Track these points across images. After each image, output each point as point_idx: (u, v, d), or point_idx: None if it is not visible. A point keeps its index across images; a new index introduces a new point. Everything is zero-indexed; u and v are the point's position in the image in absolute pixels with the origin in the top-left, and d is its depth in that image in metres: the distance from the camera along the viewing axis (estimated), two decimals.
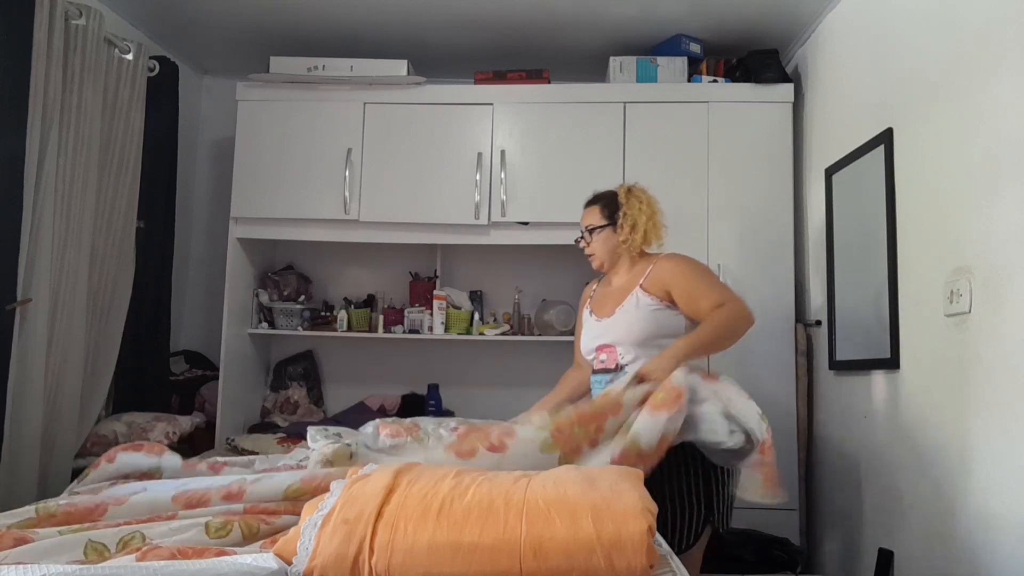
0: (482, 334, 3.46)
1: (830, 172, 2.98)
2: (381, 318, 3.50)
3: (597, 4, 3.14)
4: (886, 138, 2.54)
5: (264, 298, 3.54)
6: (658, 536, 1.55)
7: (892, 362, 2.46)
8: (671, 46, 3.39)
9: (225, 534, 1.44)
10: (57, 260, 2.69)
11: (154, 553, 1.29)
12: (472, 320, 3.48)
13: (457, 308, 3.49)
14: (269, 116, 3.38)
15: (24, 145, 2.50)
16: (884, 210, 2.52)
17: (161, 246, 3.41)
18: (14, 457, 2.52)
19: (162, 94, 3.37)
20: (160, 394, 3.39)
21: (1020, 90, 1.90)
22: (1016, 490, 1.89)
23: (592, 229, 2.41)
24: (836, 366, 2.91)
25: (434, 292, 3.48)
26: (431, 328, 3.43)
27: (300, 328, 3.49)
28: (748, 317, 2.20)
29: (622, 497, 1.34)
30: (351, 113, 3.36)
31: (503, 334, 3.49)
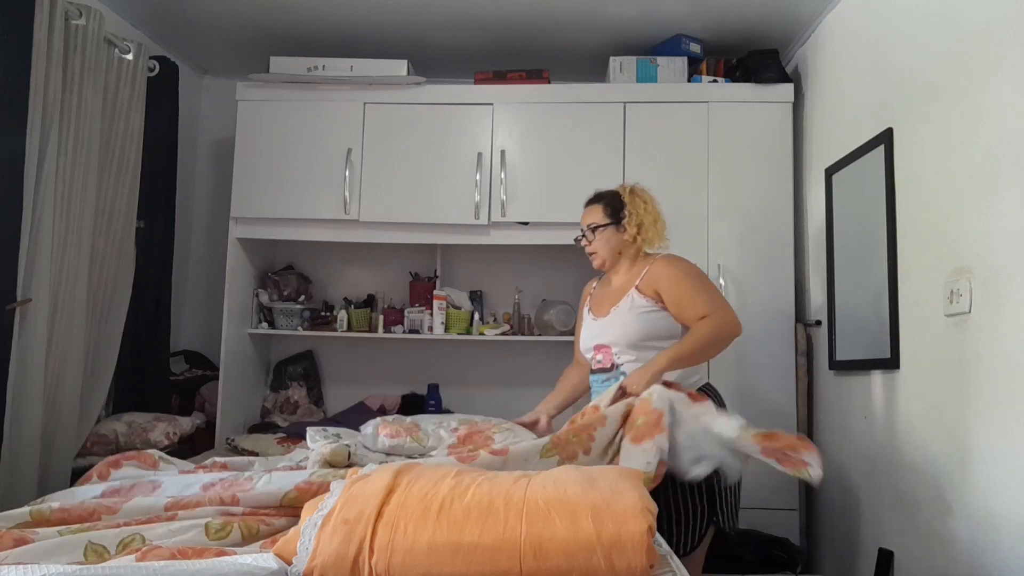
0: (482, 334, 3.46)
1: (830, 172, 2.98)
2: (381, 318, 3.50)
3: (597, 4, 3.14)
4: (886, 138, 2.54)
5: (264, 298, 3.54)
6: (658, 536, 1.55)
7: (892, 362, 2.46)
8: (671, 46, 3.39)
9: (225, 535, 1.44)
10: (57, 260, 2.69)
11: (154, 553, 1.29)
12: (472, 320, 3.48)
13: (457, 308, 3.48)
14: (269, 116, 3.38)
15: (24, 145, 2.50)
16: (884, 210, 2.52)
17: (161, 246, 3.41)
18: (14, 457, 2.52)
19: (162, 94, 3.37)
20: (160, 394, 3.39)
21: (1020, 90, 1.90)
22: (1016, 490, 1.89)
23: (595, 228, 2.40)
24: (836, 366, 2.91)
25: (434, 292, 3.48)
26: (431, 328, 3.43)
27: (300, 328, 3.49)
28: (733, 328, 2.20)
29: (622, 497, 1.34)
30: (351, 113, 3.36)
31: (503, 334, 3.49)
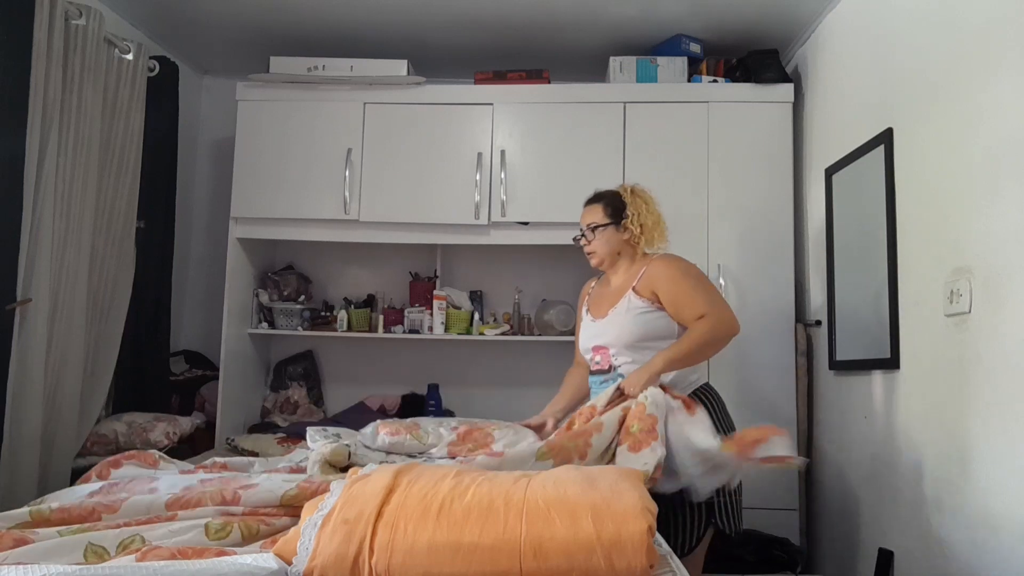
0: (482, 334, 3.46)
1: (830, 172, 2.98)
2: (381, 318, 3.50)
3: (597, 4, 3.14)
4: (886, 138, 2.54)
5: (264, 298, 3.54)
6: (658, 536, 1.55)
7: (892, 362, 2.46)
8: (671, 46, 3.39)
9: (225, 535, 1.44)
10: (57, 260, 2.69)
11: (154, 553, 1.29)
12: (472, 320, 3.48)
13: (457, 308, 3.48)
14: (269, 116, 3.38)
15: (24, 145, 2.50)
16: (884, 210, 2.52)
17: (161, 246, 3.41)
18: (14, 457, 2.52)
19: (162, 94, 3.37)
20: (160, 394, 3.39)
21: (1020, 90, 1.90)
22: (1016, 490, 1.89)
23: (594, 227, 2.39)
24: (836, 366, 2.91)
25: (434, 292, 3.48)
26: (431, 328, 3.42)
27: (300, 328, 3.49)
28: (731, 327, 2.20)
29: (622, 497, 1.34)
30: (351, 113, 3.36)
31: (503, 334, 3.49)
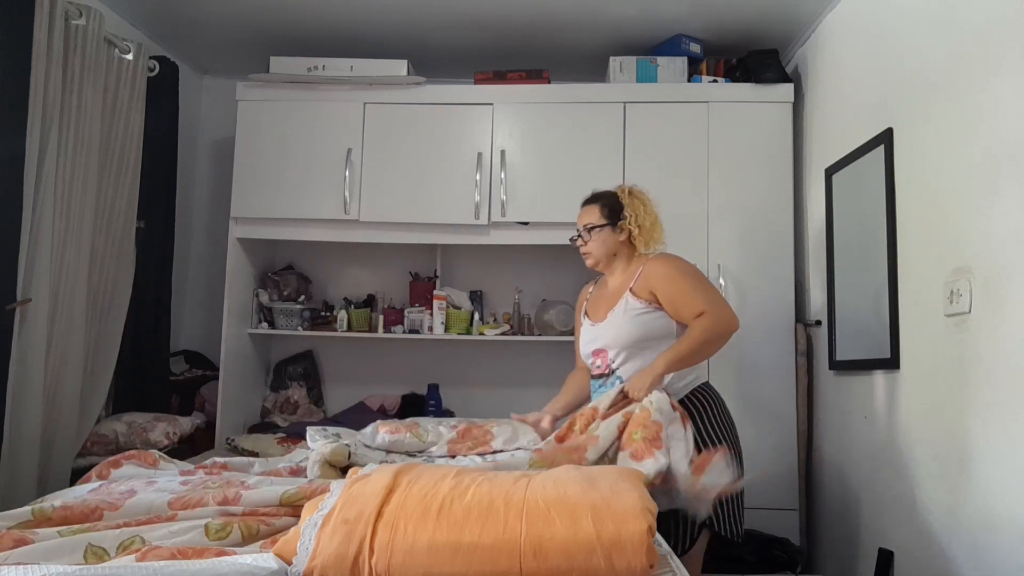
0: (482, 334, 3.46)
1: (830, 172, 2.98)
2: (381, 318, 3.50)
3: (597, 4, 3.14)
4: (886, 138, 2.54)
5: (264, 298, 3.54)
6: (658, 536, 1.55)
7: (892, 362, 2.46)
8: (671, 46, 3.39)
9: (225, 535, 1.44)
10: (57, 260, 2.69)
11: (154, 553, 1.29)
12: (472, 320, 3.48)
13: (457, 308, 3.48)
14: (269, 116, 3.38)
15: (24, 145, 2.50)
16: (884, 210, 2.52)
17: (161, 246, 3.41)
18: (14, 457, 2.52)
19: (162, 94, 3.37)
20: (160, 394, 3.39)
21: (1020, 90, 1.90)
22: (1016, 490, 1.89)
23: (591, 228, 2.38)
24: (836, 366, 2.91)
25: (434, 292, 3.48)
26: (431, 328, 3.42)
27: (300, 328, 3.49)
28: (730, 323, 2.19)
29: (622, 497, 1.34)
30: (351, 113, 3.36)
31: (503, 334, 3.49)
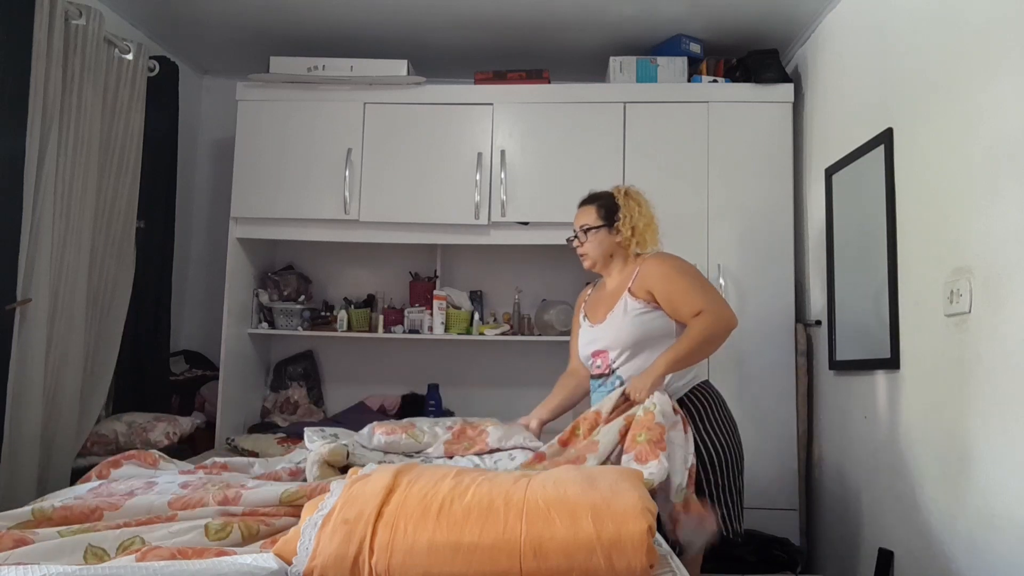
0: (482, 334, 3.46)
1: (830, 172, 2.98)
2: (381, 318, 3.50)
3: (597, 4, 3.14)
4: (886, 138, 2.54)
5: (264, 298, 3.54)
6: (658, 536, 1.55)
7: (892, 362, 2.46)
8: (671, 46, 3.39)
9: (225, 535, 1.44)
10: (57, 260, 2.69)
11: (154, 553, 1.29)
12: (472, 320, 3.48)
13: (457, 308, 3.48)
14: (269, 116, 3.38)
15: (24, 145, 2.50)
16: (884, 210, 2.52)
17: (161, 246, 3.41)
18: (14, 457, 2.52)
19: (162, 94, 3.37)
20: (160, 394, 3.39)
21: (1020, 90, 1.90)
22: (1016, 490, 1.89)
23: (587, 229, 2.38)
24: (836, 366, 2.91)
25: (434, 292, 3.48)
26: (431, 328, 3.42)
27: (300, 328, 3.48)
28: (729, 321, 2.19)
29: (622, 497, 1.34)
30: (351, 113, 3.36)
31: (503, 334, 3.49)
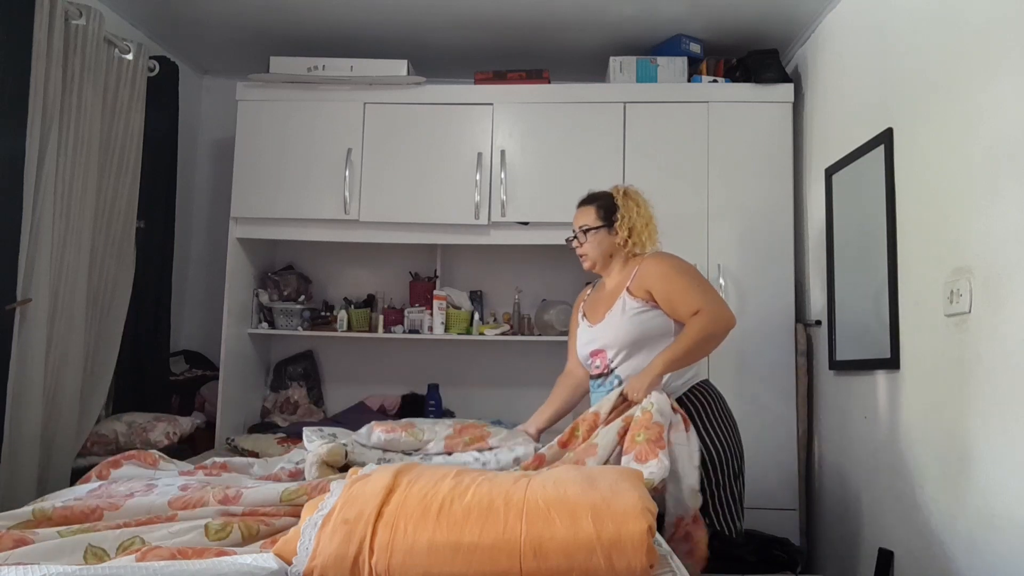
0: (482, 334, 3.46)
1: (830, 172, 2.98)
2: (381, 318, 3.50)
3: (597, 4, 3.13)
4: (886, 138, 2.54)
5: (264, 298, 3.54)
6: (658, 536, 1.55)
7: (892, 362, 2.46)
8: (671, 46, 3.39)
9: (225, 535, 1.44)
10: (57, 260, 2.69)
11: (154, 553, 1.29)
12: (472, 320, 3.48)
13: (457, 308, 3.48)
14: (269, 116, 3.38)
15: (24, 145, 2.50)
16: (884, 210, 2.52)
17: (161, 246, 3.41)
18: (14, 457, 2.52)
19: (162, 94, 3.37)
20: (160, 394, 3.39)
21: (1020, 90, 1.90)
22: (1016, 490, 1.89)
23: (587, 229, 2.38)
24: (836, 366, 2.91)
25: (434, 292, 3.48)
26: (431, 328, 3.42)
27: (300, 328, 3.48)
28: (727, 321, 2.19)
29: (622, 497, 1.34)
30: (351, 113, 3.36)
31: (503, 334, 3.49)
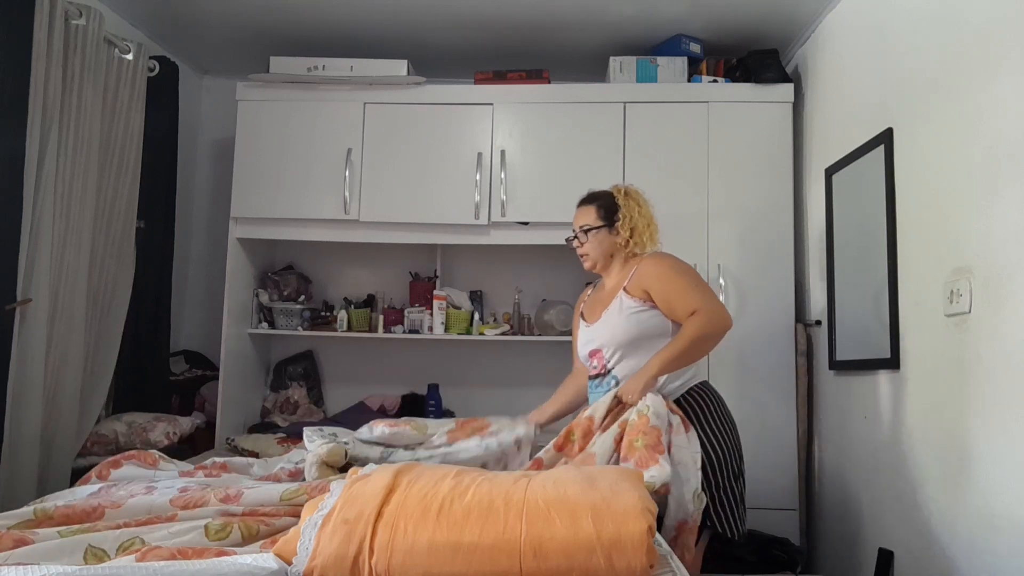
0: (482, 334, 3.46)
1: (830, 172, 2.98)
2: (381, 318, 3.50)
3: (597, 4, 3.13)
4: (886, 138, 2.54)
5: (264, 298, 3.54)
6: (658, 536, 1.55)
7: (892, 362, 2.46)
8: (671, 46, 3.39)
9: (225, 535, 1.44)
10: (57, 260, 2.69)
11: (154, 553, 1.29)
12: (472, 320, 3.48)
13: (457, 308, 3.48)
14: (269, 116, 3.38)
15: (24, 145, 2.51)
16: (884, 210, 2.52)
17: (161, 246, 3.41)
18: (14, 457, 2.52)
19: (162, 94, 3.37)
20: (160, 394, 3.39)
21: (1020, 90, 1.90)
22: (1016, 490, 1.89)
23: (587, 229, 2.37)
24: (836, 366, 2.91)
25: (434, 292, 3.48)
26: (431, 328, 3.42)
27: (300, 328, 3.48)
28: (723, 322, 2.17)
29: (622, 497, 1.34)
30: (351, 113, 3.36)
31: (503, 334, 3.49)
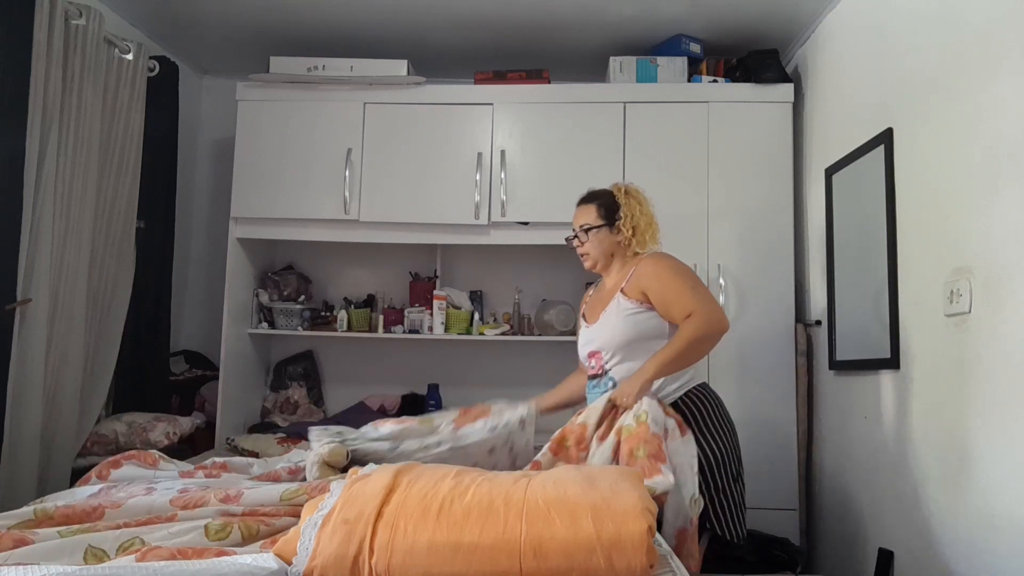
0: (482, 334, 3.46)
1: (830, 172, 2.98)
2: (381, 318, 3.50)
3: (597, 4, 3.14)
4: (886, 138, 2.54)
5: (264, 298, 3.54)
6: (658, 536, 1.55)
7: (892, 362, 2.46)
8: (671, 46, 3.39)
9: (225, 535, 1.44)
10: (57, 260, 2.69)
11: (154, 553, 1.29)
12: (472, 320, 3.48)
13: (457, 308, 3.48)
14: (269, 116, 3.38)
15: (24, 145, 2.51)
16: (884, 210, 2.52)
17: (161, 246, 3.41)
18: (14, 457, 2.52)
19: (162, 94, 3.37)
20: (160, 394, 3.39)
21: (1020, 90, 1.90)
22: (1016, 490, 1.89)
23: (588, 229, 2.35)
24: (836, 366, 2.91)
25: (434, 292, 3.48)
26: (431, 328, 3.42)
27: (300, 328, 3.48)
28: (719, 325, 2.16)
29: (622, 497, 1.34)
30: (351, 113, 3.36)
31: (503, 334, 3.49)
